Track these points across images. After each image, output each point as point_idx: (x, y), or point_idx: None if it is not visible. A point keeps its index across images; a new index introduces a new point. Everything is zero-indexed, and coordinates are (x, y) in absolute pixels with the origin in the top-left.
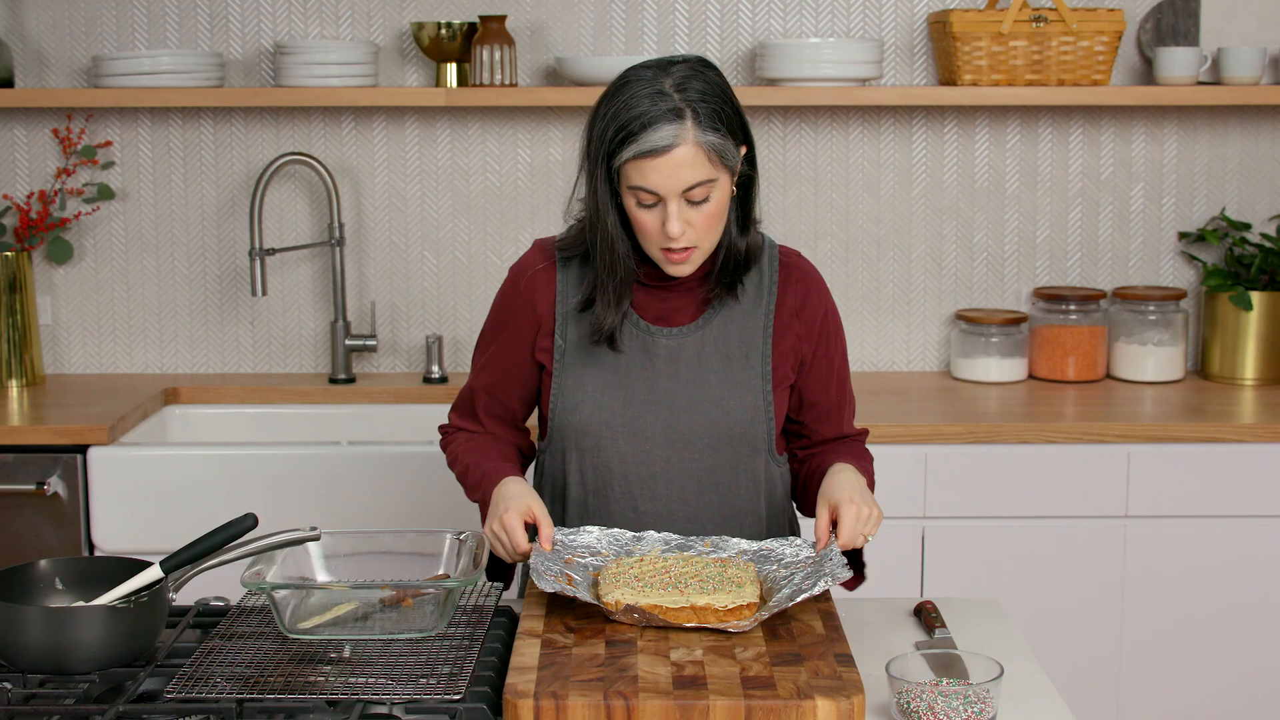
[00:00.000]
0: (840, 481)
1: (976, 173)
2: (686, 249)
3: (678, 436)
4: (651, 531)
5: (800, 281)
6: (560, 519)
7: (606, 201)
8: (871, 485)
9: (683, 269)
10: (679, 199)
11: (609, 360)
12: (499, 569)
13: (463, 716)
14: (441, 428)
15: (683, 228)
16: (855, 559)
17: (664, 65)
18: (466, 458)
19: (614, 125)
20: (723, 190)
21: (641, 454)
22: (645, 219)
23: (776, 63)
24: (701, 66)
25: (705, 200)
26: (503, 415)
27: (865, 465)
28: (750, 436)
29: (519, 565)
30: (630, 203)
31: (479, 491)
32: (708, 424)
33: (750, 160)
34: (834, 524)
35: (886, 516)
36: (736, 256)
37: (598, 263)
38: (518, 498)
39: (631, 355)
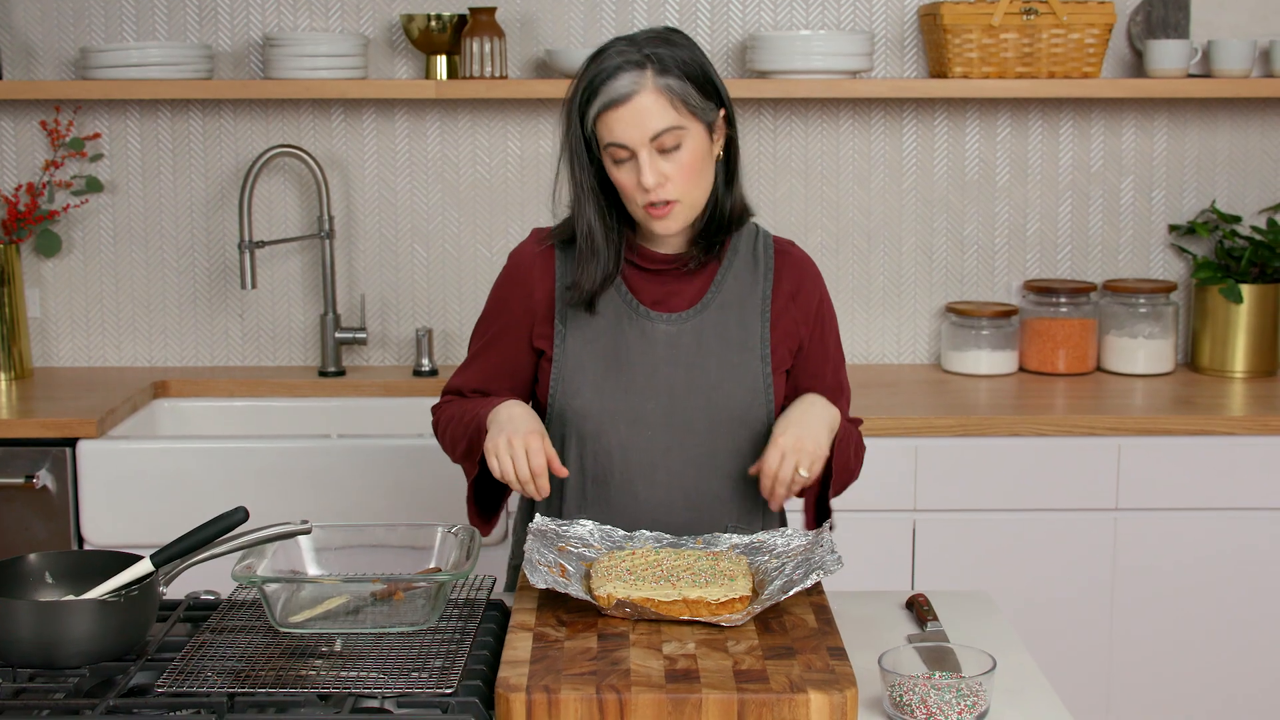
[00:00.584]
0: (787, 413)
1: (967, 165)
2: (668, 203)
3: (678, 423)
4: (644, 531)
5: (795, 267)
6: (559, 508)
7: (581, 152)
8: (856, 471)
9: (667, 224)
10: (649, 148)
11: (609, 347)
12: (490, 504)
13: (455, 710)
14: (433, 408)
15: (657, 178)
16: (822, 506)
17: (636, 34)
18: (455, 410)
19: (583, 85)
20: (696, 139)
21: (642, 441)
22: (623, 177)
23: (767, 55)
24: (669, 32)
25: (677, 148)
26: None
27: (859, 449)
28: (751, 420)
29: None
30: (609, 165)
31: (469, 432)
32: (708, 409)
33: (730, 121)
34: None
35: (876, 510)
36: (722, 216)
37: (577, 229)
38: (530, 420)
39: (630, 341)
